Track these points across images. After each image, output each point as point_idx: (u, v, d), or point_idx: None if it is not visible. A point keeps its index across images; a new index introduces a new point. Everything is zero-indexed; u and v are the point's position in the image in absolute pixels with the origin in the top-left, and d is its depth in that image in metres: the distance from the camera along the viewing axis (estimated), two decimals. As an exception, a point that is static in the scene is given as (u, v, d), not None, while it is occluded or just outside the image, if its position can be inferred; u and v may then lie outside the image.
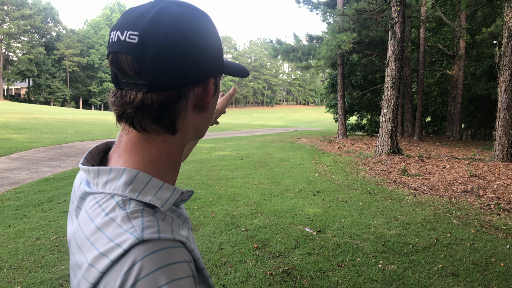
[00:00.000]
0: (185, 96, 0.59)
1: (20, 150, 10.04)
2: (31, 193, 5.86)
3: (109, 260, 0.50)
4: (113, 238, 0.51)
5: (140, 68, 0.55)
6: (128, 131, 0.60)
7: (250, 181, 7.37)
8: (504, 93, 9.20)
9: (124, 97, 0.57)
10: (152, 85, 0.55)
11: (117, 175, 0.57)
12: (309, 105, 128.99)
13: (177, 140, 0.62)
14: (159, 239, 0.51)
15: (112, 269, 0.49)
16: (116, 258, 0.49)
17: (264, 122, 52.33)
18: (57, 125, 18.12)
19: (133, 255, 0.49)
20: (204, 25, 0.60)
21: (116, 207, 0.54)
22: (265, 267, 3.48)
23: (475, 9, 17.74)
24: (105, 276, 0.50)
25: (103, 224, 0.53)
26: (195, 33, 0.57)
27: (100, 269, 0.50)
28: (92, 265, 0.51)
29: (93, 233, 0.53)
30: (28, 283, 3.06)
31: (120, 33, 0.55)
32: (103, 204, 0.55)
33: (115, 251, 0.50)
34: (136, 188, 0.56)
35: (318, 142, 16.45)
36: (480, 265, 3.65)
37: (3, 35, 60.40)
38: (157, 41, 0.54)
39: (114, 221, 0.53)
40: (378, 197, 6.33)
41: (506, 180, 7.36)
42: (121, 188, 0.56)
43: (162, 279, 0.48)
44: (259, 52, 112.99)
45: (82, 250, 0.54)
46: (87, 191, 0.59)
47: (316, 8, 20.71)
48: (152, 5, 0.57)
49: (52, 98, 65.93)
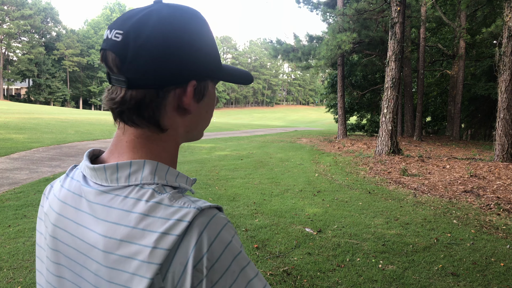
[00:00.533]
0: (164, 96, 0.59)
1: (20, 150, 10.04)
2: (31, 193, 5.86)
3: (175, 236, 0.52)
4: (169, 216, 0.54)
5: (122, 65, 0.57)
6: (124, 130, 0.62)
7: (250, 181, 7.37)
8: (504, 93, 9.20)
9: (111, 93, 0.60)
10: (131, 82, 0.57)
11: (139, 167, 0.59)
12: (309, 105, 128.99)
13: (171, 139, 0.64)
14: (210, 207, 0.57)
15: (181, 243, 0.52)
16: (182, 231, 0.53)
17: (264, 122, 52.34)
18: (57, 125, 18.12)
19: (198, 225, 0.53)
20: (192, 28, 0.60)
21: (154, 193, 0.57)
22: (265, 267, 3.48)
23: (475, 9, 17.74)
24: (173, 252, 0.52)
25: (149, 210, 0.55)
26: (180, 35, 0.58)
27: (167, 246, 0.52)
28: (155, 247, 0.52)
29: (140, 221, 0.54)
30: (28, 283, 3.06)
31: (109, 32, 0.59)
32: (135, 195, 0.57)
33: (179, 226, 0.53)
34: (161, 176, 0.60)
35: (318, 142, 16.45)
36: (480, 265, 3.65)
37: (3, 35, 60.41)
38: (139, 41, 0.56)
39: (161, 203, 0.55)
40: (378, 197, 6.34)
41: (506, 180, 7.37)
42: (149, 178, 0.59)
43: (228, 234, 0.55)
44: (259, 52, 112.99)
45: (131, 240, 0.54)
46: (103, 190, 0.59)
47: (316, 8, 20.70)
48: (146, 7, 0.60)
49: (52, 98, 65.93)
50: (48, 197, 0.70)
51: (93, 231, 0.58)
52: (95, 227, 0.58)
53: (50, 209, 0.67)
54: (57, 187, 0.69)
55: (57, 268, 0.63)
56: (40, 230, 0.70)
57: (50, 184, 0.74)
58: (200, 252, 0.52)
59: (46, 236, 0.67)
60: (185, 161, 9.78)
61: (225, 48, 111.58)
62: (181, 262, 0.52)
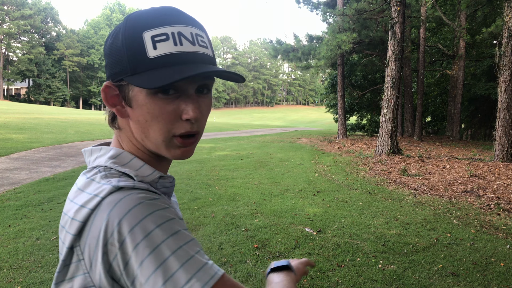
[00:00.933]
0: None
1: (20, 150, 10.04)
2: (31, 193, 5.86)
3: (88, 209, 0.56)
4: (92, 192, 0.58)
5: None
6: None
7: (250, 181, 7.37)
8: (504, 93, 9.20)
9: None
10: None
11: (105, 152, 0.66)
12: (309, 105, 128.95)
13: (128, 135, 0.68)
14: (133, 187, 0.57)
15: (92, 216, 0.55)
16: (94, 205, 0.55)
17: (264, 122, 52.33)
18: (57, 125, 18.12)
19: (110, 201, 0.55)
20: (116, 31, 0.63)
21: (97, 172, 0.62)
22: (265, 267, 3.47)
23: (475, 9, 17.73)
24: (85, 225, 0.56)
25: (84, 185, 0.61)
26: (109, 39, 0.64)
27: (80, 218, 0.56)
28: (73, 218, 0.57)
29: (75, 195, 0.61)
30: (28, 283, 3.06)
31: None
32: (88, 174, 0.63)
33: (93, 200, 0.56)
34: (118, 162, 0.64)
35: (318, 142, 16.45)
36: (480, 265, 3.65)
37: (3, 35, 60.40)
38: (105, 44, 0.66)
39: (94, 180, 0.60)
40: (378, 197, 6.33)
41: (506, 180, 7.36)
42: (104, 160, 0.64)
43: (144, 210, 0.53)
44: (259, 52, 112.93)
45: (67, 214, 0.61)
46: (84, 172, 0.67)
47: (316, 8, 20.70)
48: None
49: (52, 98, 65.91)
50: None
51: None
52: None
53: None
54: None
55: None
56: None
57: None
58: (110, 228, 0.52)
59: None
60: (185, 161, 9.78)
61: (225, 48, 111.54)
62: (94, 236, 0.54)
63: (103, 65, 71.86)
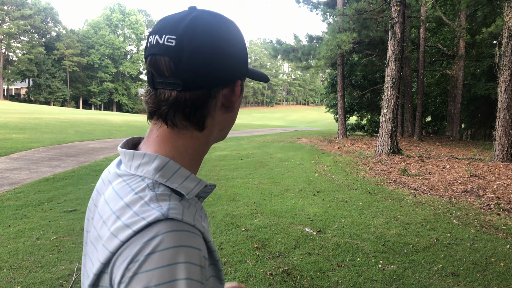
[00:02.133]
0: (215, 96, 0.65)
1: (20, 150, 10.04)
2: (31, 193, 5.86)
3: (131, 231, 0.54)
4: (139, 213, 0.56)
5: (176, 68, 0.61)
6: (159, 126, 0.65)
7: (250, 181, 7.37)
8: (504, 93, 9.19)
9: (158, 95, 0.63)
10: (186, 85, 0.61)
11: (150, 160, 0.62)
12: (309, 105, 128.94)
13: (203, 136, 0.67)
14: (181, 221, 0.56)
15: (132, 239, 0.53)
16: (138, 229, 0.53)
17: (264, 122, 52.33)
18: (57, 125, 18.12)
19: (155, 229, 0.53)
20: (233, 32, 0.66)
21: (146, 188, 0.59)
22: (265, 267, 3.48)
23: (475, 9, 17.72)
24: (124, 245, 0.53)
25: (132, 201, 0.58)
26: (226, 39, 0.64)
27: (122, 238, 0.54)
28: (114, 235, 0.55)
29: (120, 209, 0.58)
30: (28, 283, 3.06)
31: (159, 37, 0.62)
32: (133, 185, 0.61)
33: (139, 223, 0.54)
34: (166, 174, 0.62)
35: (318, 142, 16.45)
36: (480, 265, 3.65)
37: (3, 35, 60.38)
38: (193, 45, 0.60)
39: (143, 199, 0.58)
40: (378, 197, 6.34)
41: (506, 180, 7.36)
42: (152, 172, 0.61)
43: (180, 256, 0.52)
44: (259, 52, 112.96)
45: (106, 223, 0.59)
46: (118, 173, 0.65)
47: (316, 8, 20.70)
48: (187, 13, 0.64)
49: (52, 98, 65.89)
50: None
51: (97, 206, 0.66)
52: (99, 202, 0.65)
53: (95, 187, 0.74)
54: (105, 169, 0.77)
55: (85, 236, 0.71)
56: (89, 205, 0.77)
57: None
58: (140, 255, 0.52)
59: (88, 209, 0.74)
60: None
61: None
62: (123, 255, 0.53)
63: (103, 65, 71.99)
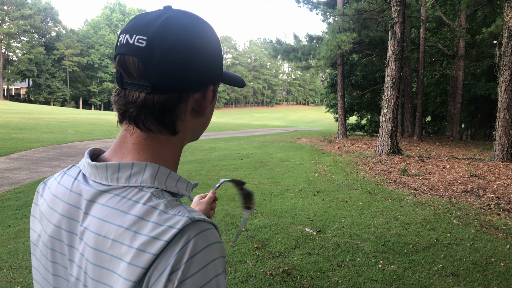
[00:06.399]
0: (185, 100, 0.62)
1: (20, 150, 10.04)
2: (31, 193, 5.86)
3: (163, 241, 0.52)
4: (161, 222, 0.54)
5: (145, 70, 0.58)
6: (132, 132, 0.63)
7: (250, 181, 7.37)
8: (504, 93, 9.20)
9: (127, 96, 0.60)
10: (155, 87, 0.58)
11: (141, 169, 0.60)
12: (309, 105, 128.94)
13: (178, 140, 0.66)
14: (205, 220, 0.56)
15: (165, 249, 0.52)
16: (170, 238, 0.52)
17: (264, 122, 52.33)
18: (57, 125, 18.13)
19: (186, 234, 0.53)
20: (208, 36, 0.64)
21: (152, 197, 0.57)
22: (265, 267, 3.48)
23: (475, 9, 17.71)
24: (158, 258, 0.52)
25: (144, 213, 0.55)
26: (200, 42, 0.61)
27: (154, 251, 0.52)
28: (142, 250, 0.53)
29: (134, 223, 0.55)
30: (28, 283, 3.06)
31: (129, 37, 0.59)
32: (133, 197, 0.57)
33: (168, 231, 0.53)
34: (161, 180, 0.60)
35: (318, 142, 16.45)
36: (480, 265, 3.65)
37: (3, 35, 60.38)
38: (164, 47, 0.57)
39: (157, 208, 0.56)
40: (378, 197, 6.33)
41: (506, 180, 7.36)
42: (149, 181, 0.59)
43: (214, 253, 0.54)
44: (259, 52, 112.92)
45: (121, 241, 0.54)
46: (100, 189, 0.60)
47: (316, 8, 20.69)
48: (161, 13, 0.61)
49: (52, 98, 65.89)
50: (43, 195, 0.70)
51: (87, 229, 0.58)
52: (89, 225, 0.58)
53: (48, 208, 0.66)
54: (54, 185, 0.68)
55: (54, 267, 0.64)
56: (34, 228, 0.70)
57: (43, 182, 0.74)
58: (179, 263, 0.51)
59: (41, 234, 0.67)
60: (185, 161, 9.77)
61: (225, 48, 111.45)
62: (159, 268, 0.52)
63: (103, 65, 71.97)
